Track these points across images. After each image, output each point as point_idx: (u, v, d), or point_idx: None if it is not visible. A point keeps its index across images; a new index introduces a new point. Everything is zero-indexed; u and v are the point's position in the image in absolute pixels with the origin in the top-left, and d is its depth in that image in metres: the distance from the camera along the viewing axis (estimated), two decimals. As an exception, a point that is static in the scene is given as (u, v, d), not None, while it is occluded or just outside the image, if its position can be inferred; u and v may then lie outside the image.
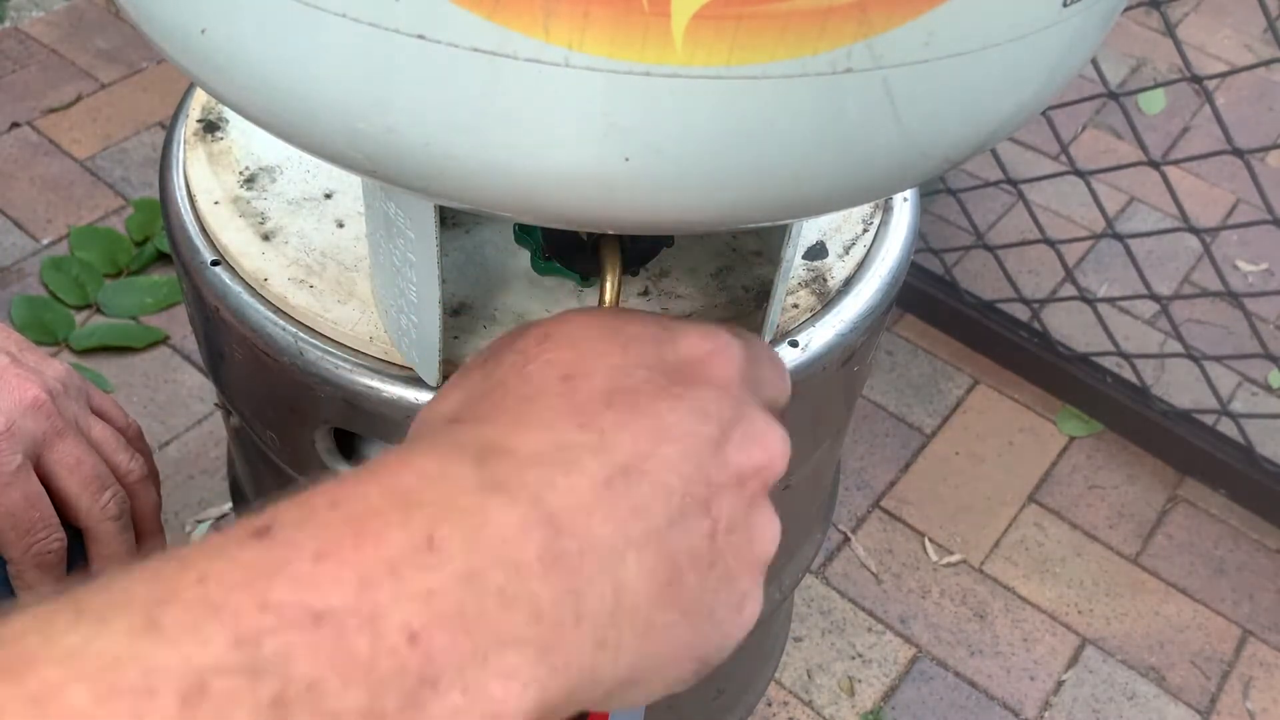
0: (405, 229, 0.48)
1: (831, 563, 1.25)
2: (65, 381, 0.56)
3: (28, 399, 0.53)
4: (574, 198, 0.35)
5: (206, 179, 0.61)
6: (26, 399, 0.53)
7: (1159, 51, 1.96)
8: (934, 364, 1.45)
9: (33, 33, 1.78)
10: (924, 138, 0.36)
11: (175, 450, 1.27)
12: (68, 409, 0.55)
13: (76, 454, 0.54)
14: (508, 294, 0.57)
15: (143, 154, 1.60)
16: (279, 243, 0.58)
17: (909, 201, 0.65)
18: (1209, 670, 1.20)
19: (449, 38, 0.31)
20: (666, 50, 0.30)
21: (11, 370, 0.53)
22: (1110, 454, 1.38)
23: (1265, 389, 1.45)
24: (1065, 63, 0.38)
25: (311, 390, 0.55)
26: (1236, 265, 1.62)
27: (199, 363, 1.35)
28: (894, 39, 0.32)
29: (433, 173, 0.35)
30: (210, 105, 0.65)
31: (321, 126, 0.35)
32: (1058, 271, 1.54)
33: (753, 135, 0.33)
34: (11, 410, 0.52)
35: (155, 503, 0.59)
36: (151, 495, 0.58)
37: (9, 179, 1.55)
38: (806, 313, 0.58)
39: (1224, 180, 1.73)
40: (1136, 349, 1.44)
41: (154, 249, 1.45)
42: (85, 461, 0.54)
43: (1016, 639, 1.20)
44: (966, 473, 1.35)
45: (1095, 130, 1.80)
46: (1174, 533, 1.31)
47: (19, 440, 0.52)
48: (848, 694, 1.15)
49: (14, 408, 0.52)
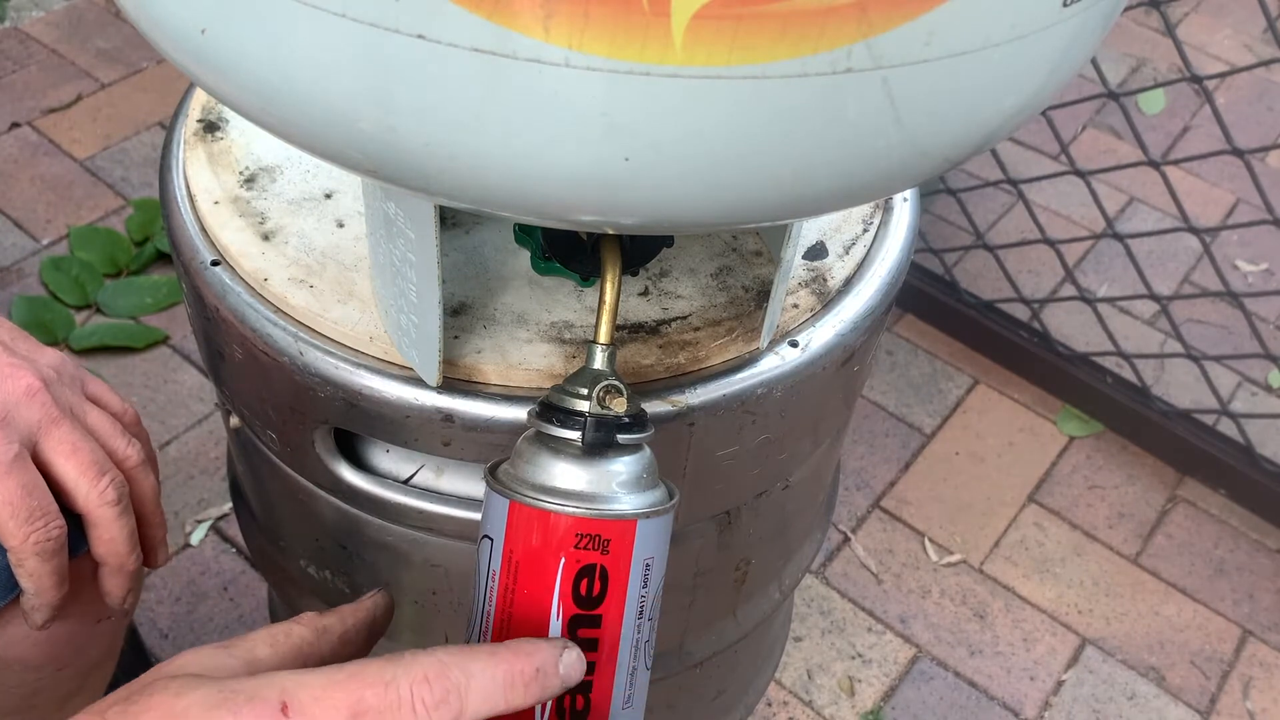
0: (405, 229, 0.48)
1: (831, 563, 1.25)
2: (59, 369, 0.56)
3: (22, 387, 0.52)
4: (574, 198, 0.35)
5: (206, 179, 0.61)
6: (21, 387, 0.52)
7: (1159, 51, 1.96)
8: (934, 364, 1.45)
9: (33, 33, 1.78)
10: (924, 138, 0.36)
11: (175, 450, 1.27)
12: (63, 396, 0.55)
13: (73, 440, 0.53)
14: (508, 294, 0.57)
15: (143, 154, 1.60)
16: (279, 243, 0.58)
17: (909, 201, 0.65)
18: (1209, 670, 1.20)
19: (449, 38, 0.31)
20: (666, 50, 0.31)
21: (5, 359, 0.53)
22: (1110, 454, 1.38)
23: (1265, 389, 1.45)
24: (1065, 63, 0.38)
25: (311, 390, 0.55)
26: (1236, 265, 1.62)
27: (199, 363, 1.35)
28: (894, 39, 0.32)
29: (433, 173, 0.35)
30: (210, 105, 0.65)
31: (321, 126, 0.35)
32: (1058, 271, 1.54)
33: (752, 135, 0.33)
34: (6, 399, 0.52)
35: (154, 487, 0.59)
36: (150, 480, 0.58)
37: (9, 179, 1.55)
38: (806, 313, 0.58)
39: (1224, 180, 1.73)
40: (1136, 349, 1.44)
41: (154, 249, 1.45)
42: (82, 448, 0.54)
43: (1016, 639, 1.20)
44: (966, 473, 1.35)
45: (1095, 130, 1.80)
46: (1174, 533, 1.31)
47: (15, 429, 0.52)
48: (848, 694, 1.15)
49: (9, 396, 0.52)
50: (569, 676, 0.41)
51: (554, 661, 0.41)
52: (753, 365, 0.56)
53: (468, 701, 0.38)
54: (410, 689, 0.37)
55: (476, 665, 0.39)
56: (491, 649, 0.40)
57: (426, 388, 0.53)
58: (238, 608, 1.14)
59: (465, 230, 0.60)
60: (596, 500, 0.43)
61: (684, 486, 0.58)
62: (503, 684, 0.39)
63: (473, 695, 0.38)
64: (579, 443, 0.44)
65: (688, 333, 0.56)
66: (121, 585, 0.57)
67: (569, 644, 0.41)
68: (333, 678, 0.38)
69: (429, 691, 0.38)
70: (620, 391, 0.44)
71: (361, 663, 0.39)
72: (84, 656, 0.64)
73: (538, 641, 0.41)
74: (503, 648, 0.40)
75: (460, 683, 0.38)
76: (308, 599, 0.76)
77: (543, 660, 0.40)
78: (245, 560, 1.18)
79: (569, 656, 0.41)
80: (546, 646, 0.41)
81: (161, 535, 0.60)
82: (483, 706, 0.39)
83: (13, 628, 0.57)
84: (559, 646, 0.41)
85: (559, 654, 0.41)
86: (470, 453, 0.55)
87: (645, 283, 0.59)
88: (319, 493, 0.63)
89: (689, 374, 0.55)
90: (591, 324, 0.55)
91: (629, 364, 0.55)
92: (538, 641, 0.41)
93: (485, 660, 0.39)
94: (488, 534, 0.45)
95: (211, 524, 1.21)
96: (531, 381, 0.54)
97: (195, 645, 0.42)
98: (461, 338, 0.55)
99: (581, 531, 0.42)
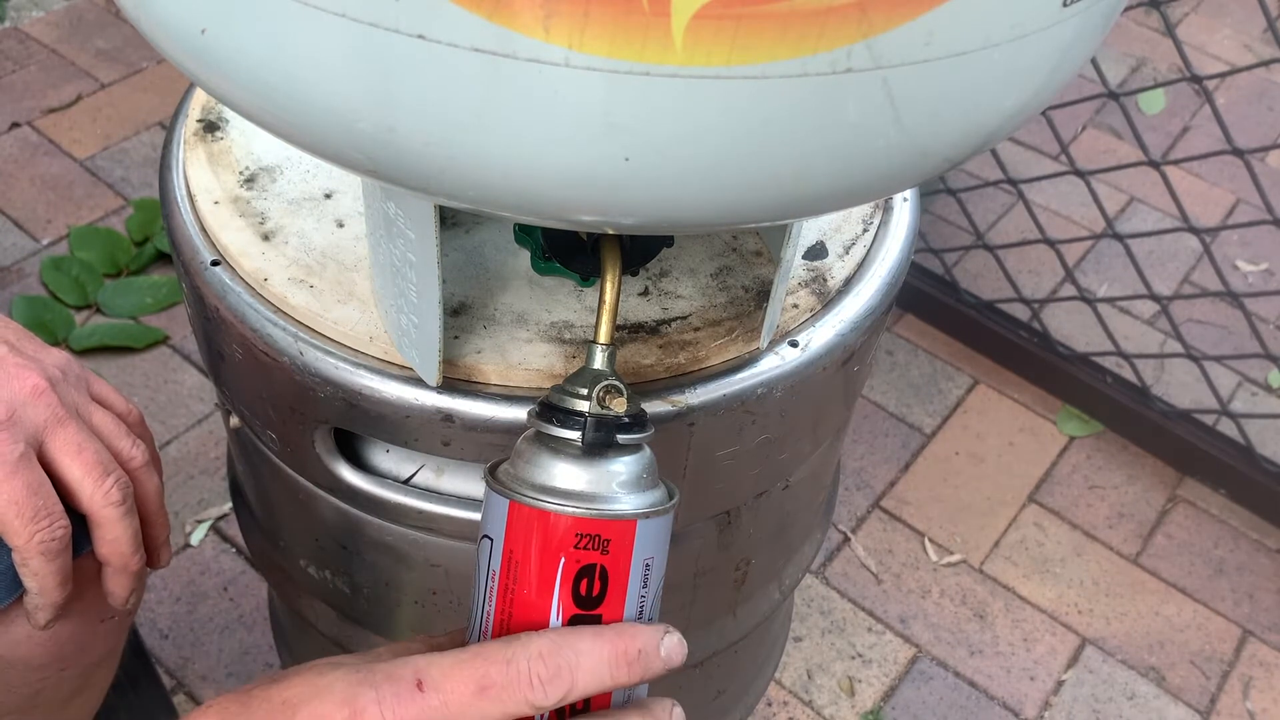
0: (405, 229, 0.48)
1: (831, 563, 1.25)
2: (65, 369, 0.56)
3: (28, 387, 0.53)
4: (574, 198, 0.35)
5: (206, 179, 0.61)
6: (27, 387, 0.52)
7: (1159, 51, 1.96)
8: (934, 364, 1.45)
9: (33, 33, 1.78)
10: (924, 138, 0.36)
11: (175, 450, 1.27)
12: (68, 396, 0.55)
13: (78, 440, 0.53)
14: (508, 294, 0.57)
15: (143, 154, 1.60)
16: (279, 243, 0.58)
17: (909, 201, 0.65)
18: (1209, 670, 1.20)
19: (449, 38, 0.31)
20: (666, 50, 0.30)
21: (11, 359, 0.53)
22: (1110, 454, 1.38)
23: (1265, 389, 1.45)
24: (1065, 63, 0.38)
25: (311, 390, 0.55)
26: (1236, 265, 1.62)
27: (199, 363, 1.35)
28: (894, 39, 0.32)
29: (433, 173, 0.35)
30: (210, 105, 0.65)
31: (321, 126, 0.35)
32: (1058, 271, 1.54)
33: (753, 135, 0.33)
34: (12, 399, 0.52)
35: (158, 488, 0.59)
36: (154, 480, 0.58)
37: (9, 179, 1.55)
38: (806, 313, 0.58)
39: (1224, 180, 1.73)
40: (1136, 349, 1.44)
41: (154, 249, 1.45)
42: (87, 448, 0.54)
43: (1016, 639, 1.20)
44: (966, 473, 1.35)
45: (1095, 130, 1.80)
46: (1174, 533, 1.31)
47: (20, 428, 0.52)
48: (848, 694, 1.15)
49: (14, 396, 0.52)
50: (670, 659, 0.44)
51: (655, 644, 0.43)
52: (753, 365, 0.56)
53: (578, 677, 0.41)
54: (528, 665, 0.41)
55: (585, 645, 0.42)
56: (597, 630, 0.43)
57: (426, 388, 0.53)
58: (238, 608, 1.14)
59: (465, 230, 0.60)
60: (596, 500, 0.43)
61: (684, 486, 0.58)
62: (609, 662, 0.42)
63: (582, 672, 0.41)
64: (579, 443, 0.44)
65: (688, 333, 0.56)
66: (125, 585, 0.57)
67: (669, 628, 0.44)
68: (459, 657, 0.41)
69: (544, 667, 0.41)
70: (620, 391, 0.44)
71: (482, 644, 0.42)
72: (87, 656, 0.64)
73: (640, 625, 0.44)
74: (608, 629, 0.43)
75: (571, 660, 0.41)
76: (308, 599, 0.76)
77: (645, 642, 0.43)
78: (245, 560, 1.18)
79: (670, 640, 0.44)
80: (648, 629, 0.43)
81: (165, 536, 0.60)
82: (591, 683, 0.42)
83: (16, 627, 0.57)
84: (660, 630, 0.44)
85: (660, 637, 0.43)
86: (470, 453, 0.55)
87: (645, 283, 0.59)
88: (319, 493, 0.63)
89: (689, 374, 0.55)
90: (591, 324, 0.55)
91: (629, 364, 0.55)
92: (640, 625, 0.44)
93: (592, 640, 0.42)
94: (488, 534, 0.45)
95: (211, 524, 1.21)
96: (531, 381, 0.54)
97: (195, 645, 0.44)
98: (461, 338, 0.55)
99: (581, 531, 0.42)
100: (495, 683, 0.40)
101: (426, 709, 0.39)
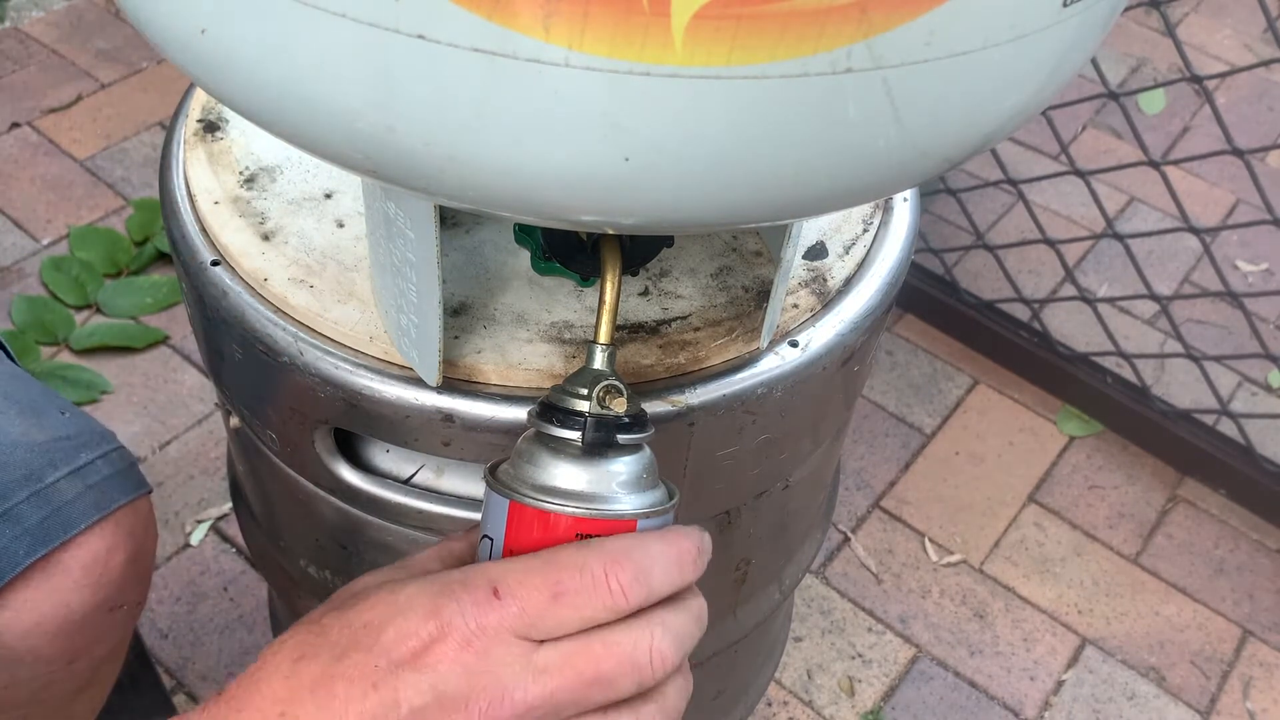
0: (405, 229, 0.48)
1: (831, 563, 1.25)
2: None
3: None
4: (574, 197, 0.35)
5: (206, 179, 0.61)
6: None
7: (1159, 51, 1.96)
8: (934, 364, 1.45)
9: (33, 33, 1.78)
10: (924, 138, 0.36)
11: (175, 450, 1.27)
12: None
13: None
14: (508, 294, 0.57)
15: (143, 154, 1.60)
16: (279, 243, 0.58)
17: (909, 201, 0.65)
18: (1209, 670, 1.20)
19: (449, 38, 0.31)
20: (666, 50, 0.31)
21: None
22: (1110, 454, 1.38)
23: (1265, 389, 1.45)
24: (1065, 63, 0.38)
25: (311, 390, 0.55)
26: (1236, 265, 1.62)
27: (199, 363, 1.35)
28: (894, 39, 0.32)
29: (433, 173, 0.35)
30: (210, 105, 0.65)
31: (321, 126, 0.35)
32: (1058, 271, 1.54)
33: (752, 135, 0.33)
34: None
35: None
36: None
37: (9, 179, 1.55)
38: (806, 313, 0.58)
39: (1224, 180, 1.73)
40: (1136, 349, 1.44)
41: (154, 249, 1.45)
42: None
43: (1016, 639, 1.20)
44: (966, 473, 1.35)
45: (1095, 130, 1.80)
46: (1174, 533, 1.31)
47: None
48: (848, 694, 1.15)
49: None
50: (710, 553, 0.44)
51: (706, 542, 0.44)
52: (753, 365, 0.56)
53: (653, 578, 0.41)
54: (604, 570, 0.40)
55: (655, 548, 0.42)
56: (660, 534, 0.43)
57: (426, 388, 0.53)
58: (238, 608, 1.14)
59: (465, 230, 0.60)
60: (596, 500, 0.43)
61: (684, 486, 0.58)
62: (676, 562, 0.42)
63: (656, 573, 0.41)
64: (579, 443, 0.44)
65: (688, 333, 0.56)
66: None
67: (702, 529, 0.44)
68: (529, 564, 0.41)
69: (621, 571, 0.40)
70: (620, 391, 0.44)
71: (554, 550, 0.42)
72: (96, 648, 0.64)
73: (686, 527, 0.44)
74: (669, 531, 0.43)
75: (645, 564, 0.41)
76: (308, 599, 0.76)
77: (698, 539, 0.43)
78: (245, 560, 1.18)
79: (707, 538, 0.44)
80: (694, 530, 0.44)
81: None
82: (665, 583, 0.42)
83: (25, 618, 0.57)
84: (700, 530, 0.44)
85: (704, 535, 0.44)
86: (470, 453, 0.55)
87: (645, 283, 0.59)
88: (319, 493, 0.63)
89: (689, 374, 0.55)
90: (591, 324, 0.55)
91: (629, 364, 0.55)
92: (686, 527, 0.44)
93: (659, 543, 0.42)
94: (488, 534, 0.45)
95: (211, 524, 1.21)
96: (531, 381, 0.54)
97: (195, 645, 0.43)
98: (461, 338, 0.55)
99: (581, 531, 0.42)
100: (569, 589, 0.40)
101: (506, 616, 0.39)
